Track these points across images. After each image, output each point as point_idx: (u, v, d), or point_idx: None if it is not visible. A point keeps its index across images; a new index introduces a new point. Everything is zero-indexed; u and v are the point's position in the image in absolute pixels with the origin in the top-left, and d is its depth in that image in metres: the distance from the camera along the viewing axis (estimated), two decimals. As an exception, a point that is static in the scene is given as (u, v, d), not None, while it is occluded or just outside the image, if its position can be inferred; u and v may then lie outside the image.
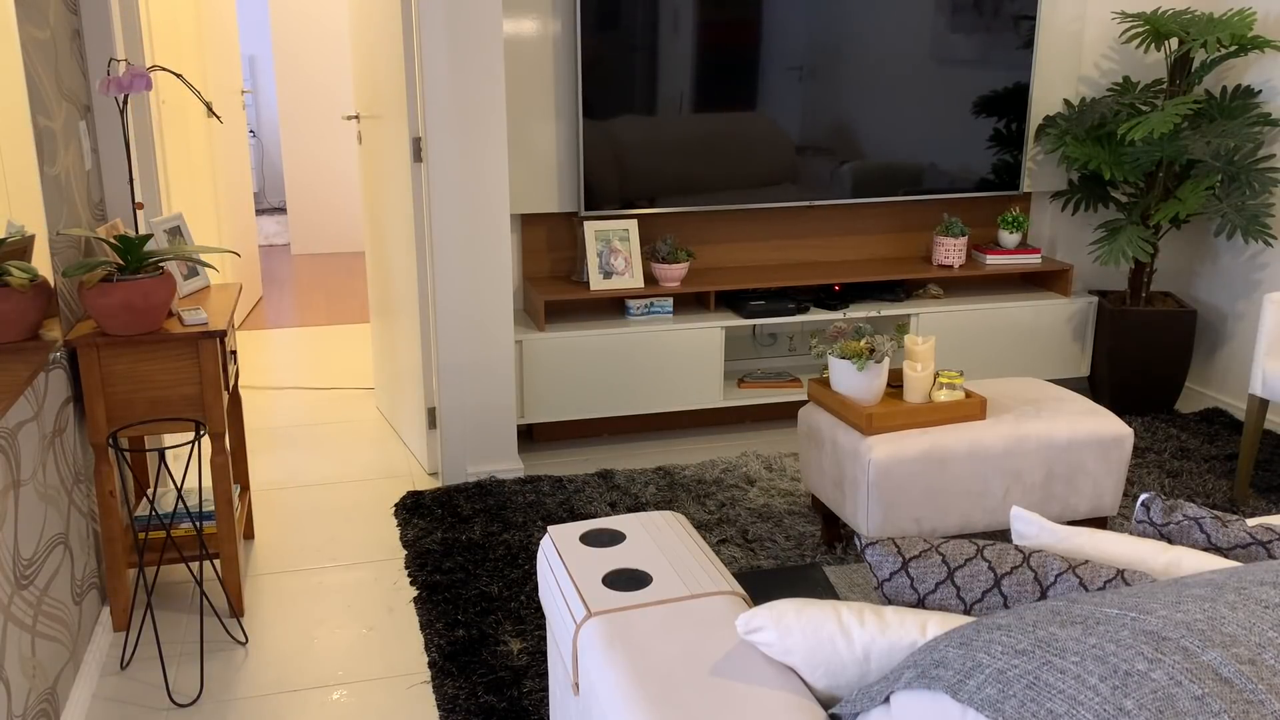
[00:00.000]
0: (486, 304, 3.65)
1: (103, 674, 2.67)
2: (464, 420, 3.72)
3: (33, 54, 2.46)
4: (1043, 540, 1.61)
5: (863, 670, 1.41)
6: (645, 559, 1.83)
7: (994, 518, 3.01)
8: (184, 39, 4.97)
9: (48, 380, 2.48)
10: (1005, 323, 4.35)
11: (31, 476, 2.27)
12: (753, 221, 4.39)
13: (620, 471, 3.80)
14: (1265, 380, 3.40)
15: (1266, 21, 4.21)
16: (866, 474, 2.88)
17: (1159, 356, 4.28)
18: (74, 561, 2.57)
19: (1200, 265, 4.60)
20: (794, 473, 3.79)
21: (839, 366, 3.00)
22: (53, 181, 2.56)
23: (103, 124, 3.06)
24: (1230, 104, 4.19)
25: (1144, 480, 3.71)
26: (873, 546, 1.54)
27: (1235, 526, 1.59)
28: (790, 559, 3.18)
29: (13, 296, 2.27)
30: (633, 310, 4.08)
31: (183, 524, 2.96)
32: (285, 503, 3.64)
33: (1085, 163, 4.24)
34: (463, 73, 3.45)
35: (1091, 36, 4.45)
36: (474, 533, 3.35)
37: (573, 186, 4.07)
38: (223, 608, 2.97)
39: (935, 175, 4.39)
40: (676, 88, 4.04)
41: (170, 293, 2.68)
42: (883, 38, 4.17)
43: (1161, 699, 0.96)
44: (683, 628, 1.59)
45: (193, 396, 2.74)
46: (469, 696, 2.52)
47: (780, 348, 4.52)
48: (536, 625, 2.83)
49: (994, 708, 1.04)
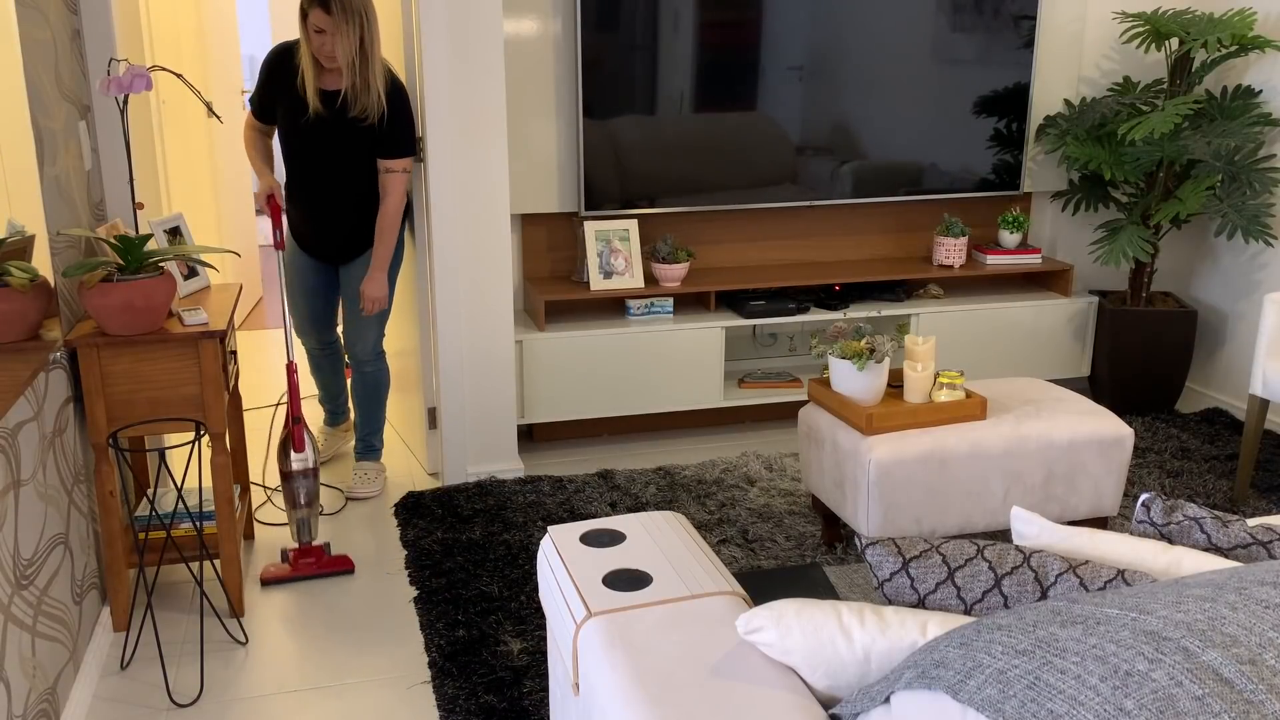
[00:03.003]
0: (486, 304, 3.65)
1: (103, 674, 2.67)
2: (464, 420, 3.72)
3: (33, 54, 2.46)
4: (1043, 540, 1.61)
5: (863, 670, 1.40)
6: (645, 559, 1.82)
7: (994, 518, 3.01)
8: (184, 39, 4.97)
9: (48, 380, 2.48)
10: (1005, 323, 4.35)
11: (31, 476, 2.27)
12: (753, 221, 4.39)
13: (620, 471, 3.80)
14: (1266, 380, 3.40)
15: (1266, 21, 4.20)
16: (867, 474, 2.88)
17: (1159, 356, 4.28)
18: (74, 561, 2.57)
19: (1200, 265, 4.60)
20: (794, 473, 3.79)
21: (839, 366, 3.00)
22: (53, 181, 2.56)
23: (103, 124, 3.06)
24: (1230, 104, 4.19)
25: (1144, 480, 3.71)
26: (873, 546, 1.54)
27: (1235, 527, 1.59)
28: (790, 559, 3.18)
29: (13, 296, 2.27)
30: (633, 310, 4.08)
31: (183, 524, 2.95)
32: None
33: (1085, 163, 4.24)
34: (463, 73, 3.45)
35: (1092, 36, 4.45)
36: (474, 533, 3.35)
37: (573, 186, 4.07)
38: (223, 608, 2.97)
39: (935, 175, 4.39)
40: (676, 87, 4.04)
41: (170, 293, 2.68)
42: (883, 37, 4.17)
43: (1162, 699, 0.96)
44: (683, 628, 1.59)
45: (193, 397, 2.74)
46: (469, 696, 2.52)
47: (780, 348, 4.52)
48: (536, 625, 2.82)
49: (994, 708, 1.04)
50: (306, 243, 3.59)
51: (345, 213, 3.47)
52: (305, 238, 3.58)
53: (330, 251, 3.57)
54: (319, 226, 3.52)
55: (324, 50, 3.24)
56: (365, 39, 3.21)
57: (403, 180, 3.39)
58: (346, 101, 3.32)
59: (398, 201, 3.39)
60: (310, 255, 3.61)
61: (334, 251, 3.56)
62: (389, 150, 3.36)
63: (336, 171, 3.42)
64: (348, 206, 3.47)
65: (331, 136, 3.37)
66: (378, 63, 3.27)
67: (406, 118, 3.36)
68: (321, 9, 3.16)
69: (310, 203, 3.49)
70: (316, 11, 3.17)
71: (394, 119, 3.33)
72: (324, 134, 3.37)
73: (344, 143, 3.37)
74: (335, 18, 3.16)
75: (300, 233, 3.58)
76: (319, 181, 3.44)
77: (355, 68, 3.24)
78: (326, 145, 3.38)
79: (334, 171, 3.42)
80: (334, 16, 3.16)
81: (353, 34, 3.17)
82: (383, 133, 3.34)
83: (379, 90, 3.28)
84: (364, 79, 3.26)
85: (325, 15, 3.16)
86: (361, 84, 3.26)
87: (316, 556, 3.14)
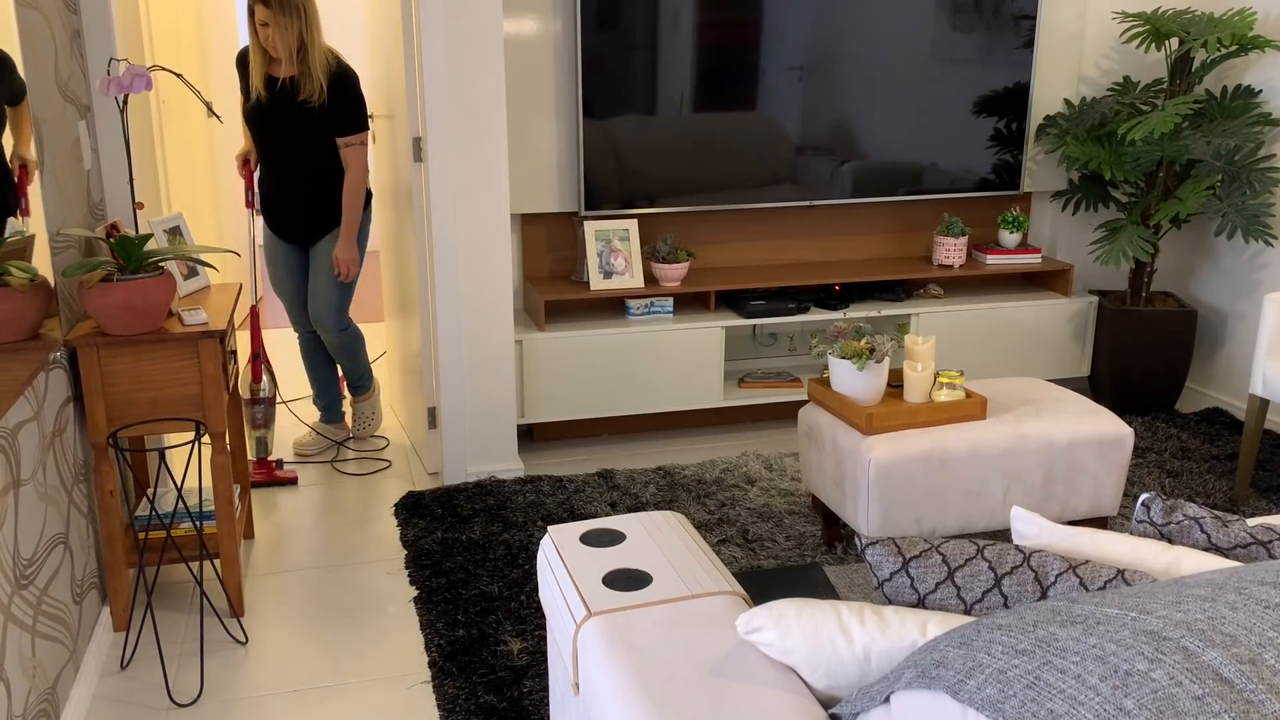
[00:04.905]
0: (486, 304, 3.65)
1: (103, 674, 2.67)
2: (464, 420, 3.72)
3: (33, 54, 2.46)
4: (1043, 540, 1.61)
5: (863, 670, 1.40)
6: (645, 559, 1.82)
7: (994, 518, 3.01)
8: (184, 39, 4.97)
9: (48, 380, 2.48)
10: (1005, 323, 4.35)
11: (31, 476, 2.27)
12: (753, 221, 4.39)
13: (620, 471, 3.80)
14: (1266, 380, 3.40)
15: (1266, 21, 4.20)
16: (866, 474, 2.88)
17: (1159, 356, 4.28)
18: (74, 561, 2.57)
19: (1200, 265, 4.60)
20: (794, 473, 3.79)
21: (839, 366, 3.00)
22: (52, 181, 2.56)
23: (103, 124, 3.06)
24: (1230, 104, 4.19)
25: (1144, 480, 3.71)
26: (873, 546, 1.54)
27: (1235, 526, 1.59)
28: (790, 559, 3.18)
29: (13, 296, 2.27)
30: (633, 310, 4.08)
31: (183, 524, 2.95)
32: (285, 503, 3.64)
33: (1085, 162, 4.24)
34: (463, 72, 3.45)
35: (1092, 36, 4.45)
36: (474, 533, 3.35)
37: (573, 186, 4.07)
38: (223, 608, 2.97)
39: (935, 175, 4.39)
40: (676, 87, 4.04)
41: (170, 293, 2.68)
42: (883, 37, 4.17)
43: (1162, 699, 0.96)
44: (683, 628, 1.59)
45: (193, 396, 2.74)
46: (469, 696, 2.52)
47: (780, 348, 4.52)
48: (536, 625, 2.83)
49: (994, 708, 1.04)
50: (277, 224, 3.89)
51: (304, 191, 3.77)
52: (275, 220, 3.89)
53: (298, 231, 3.85)
54: (283, 206, 3.83)
55: (268, 41, 3.57)
56: (304, 31, 3.56)
57: (359, 153, 3.70)
58: (291, 88, 3.64)
59: (357, 171, 3.71)
60: (283, 239, 3.91)
61: (301, 231, 3.85)
62: (339, 128, 3.68)
63: (291, 153, 3.72)
64: (305, 186, 3.76)
65: (283, 120, 3.68)
66: (318, 52, 3.59)
67: (351, 97, 3.66)
68: (263, 4, 3.51)
69: (273, 183, 3.81)
70: (259, 6, 3.53)
71: (338, 100, 3.64)
72: (276, 118, 3.68)
73: (295, 125, 3.67)
74: (275, 12, 3.51)
75: (270, 215, 3.90)
76: (277, 162, 3.77)
77: (296, 57, 3.60)
78: (279, 128, 3.69)
79: (289, 153, 3.73)
80: (274, 10, 3.51)
81: (292, 27, 3.53)
82: (331, 113, 3.65)
83: (320, 77, 3.60)
84: (305, 66, 3.60)
85: (266, 9, 3.52)
86: (304, 71, 3.60)
87: (267, 470, 3.76)
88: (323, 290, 3.83)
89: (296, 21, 3.52)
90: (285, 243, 3.90)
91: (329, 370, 4.14)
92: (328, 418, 4.15)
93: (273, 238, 3.91)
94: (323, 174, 3.75)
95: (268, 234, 3.93)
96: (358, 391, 4.16)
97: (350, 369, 4.08)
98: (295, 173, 3.74)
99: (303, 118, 3.65)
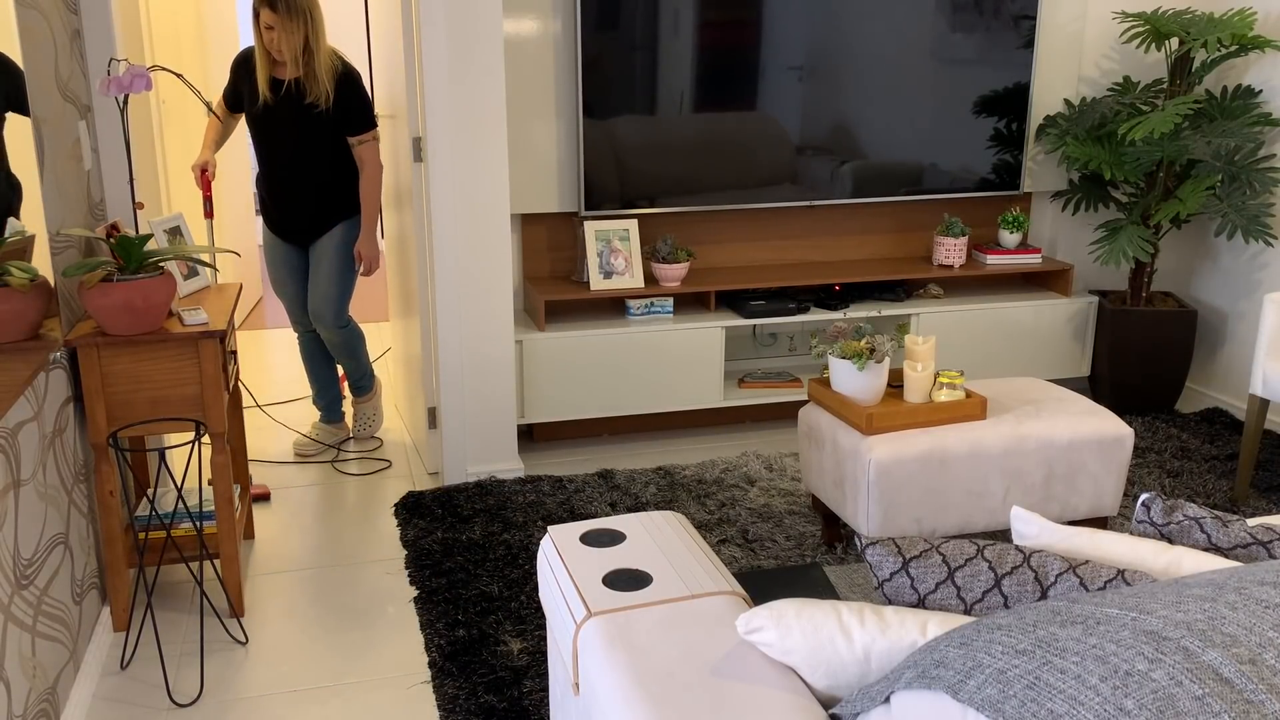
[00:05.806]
0: (486, 304, 3.65)
1: (103, 674, 2.67)
2: (464, 420, 3.72)
3: (33, 54, 2.46)
4: (1043, 540, 1.61)
5: (863, 670, 1.40)
6: (645, 559, 1.82)
7: (994, 518, 3.01)
8: (184, 39, 4.98)
9: (48, 380, 2.48)
10: (1005, 323, 4.35)
11: (31, 476, 2.27)
12: (753, 221, 4.39)
13: (620, 471, 3.80)
14: (1266, 380, 3.40)
15: (1266, 21, 4.20)
16: (866, 474, 2.88)
17: (1159, 356, 4.28)
18: (74, 561, 2.57)
19: (1200, 265, 4.60)
20: (794, 473, 3.79)
21: (839, 366, 3.00)
22: (53, 181, 2.56)
23: (103, 124, 3.06)
24: (1230, 104, 4.19)
25: (1144, 480, 3.71)
26: (873, 546, 1.54)
27: (1236, 526, 1.59)
28: (790, 559, 3.18)
29: (13, 296, 2.27)
30: (633, 310, 4.08)
31: (183, 524, 2.95)
32: (285, 503, 3.64)
33: (1085, 163, 4.24)
34: (463, 72, 3.45)
35: (1092, 36, 4.45)
36: (474, 533, 3.35)
37: (573, 186, 4.07)
38: (223, 608, 2.97)
39: (935, 175, 4.39)
40: (676, 87, 4.04)
41: (170, 293, 2.68)
42: (883, 37, 4.17)
43: (1162, 699, 0.96)
44: (683, 628, 1.59)
45: (193, 396, 2.74)
46: (469, 696, 2.52)
47: (780, 348, 4.52)
48: (536, 625, 2.82)
49: (994, 708, 1.04)
50: (276, 225, 3.89)
51: (306, 193, 3.78)
52: (274, 220, 3.89)
53: (298, 229, 3.85)
54: (284, 206, 3.83)
55: (273, 45, 3.59)
56: (309, 35, 3.58)
57: (373, 149, 3.73)
58: (297, 90, 3.65)
59: (373, 167, 3.74)
60: (282, 239, 3.91)
61: (301, 231, 3.86)
62: (351, 127, 3.71)
63: (295, 154, 3.73)
64: (308, 187, 3.77)
65: (287, 122, 3.70)
66: (323, 55, 3.61)
67: (358, 96, 3.69)
68: (269, 8, 3.54)
69: (275, 184, 3.81)
70: (265, 10, 3.55)
71: (345, 101, 3.67)
72: (280, 120, 3.70)
73: (300, 128, 3.69)
74: (281, 15, 3.53)
75: (270, 215, 3.90)
76: (280, 164, 3.77)
77: (301, 60, 3.61)
78: (283, 130, 3.71)
79: (293, 154, 3.74)
80: (280, 14, 3.53)
81: (298, 30, 3.56)
82: (338, 114, 3.68)
83: (325, 80, 3.62)
84: (310, 69, 3.62)
85: (273, 13, 3.54)
86: (309, 74, 3.62)
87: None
88: (323, 287, 3.84)
89: (302, 25, 3.55)
90: (285, 243, 3.90)
91: (329, 370, 4.14)
92: (328, 418, 4.15)
93: (273, 238, 3.92)
94: (325, 174, 3.76)
95: (267, 234, 3.93)
96: (359, 392, 4.17)
97: (351, 369, 4.08)
98: (298, 174, 3.74)
99: (308, 120, 3.67)
